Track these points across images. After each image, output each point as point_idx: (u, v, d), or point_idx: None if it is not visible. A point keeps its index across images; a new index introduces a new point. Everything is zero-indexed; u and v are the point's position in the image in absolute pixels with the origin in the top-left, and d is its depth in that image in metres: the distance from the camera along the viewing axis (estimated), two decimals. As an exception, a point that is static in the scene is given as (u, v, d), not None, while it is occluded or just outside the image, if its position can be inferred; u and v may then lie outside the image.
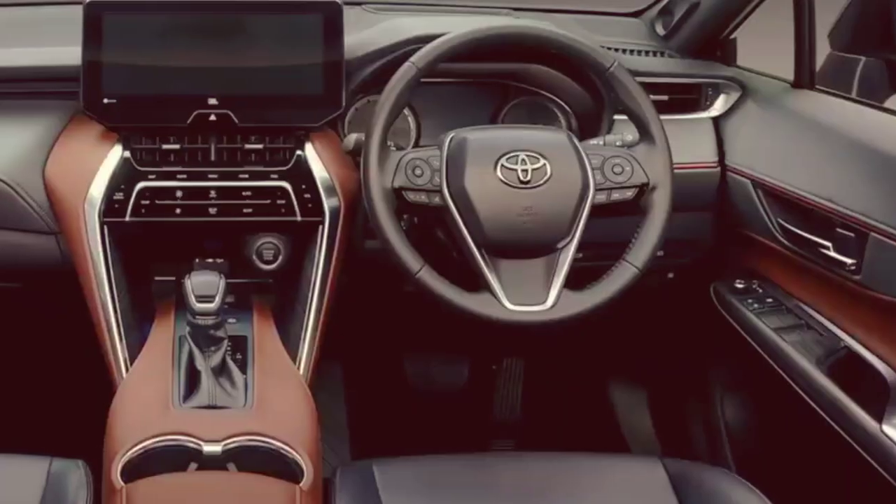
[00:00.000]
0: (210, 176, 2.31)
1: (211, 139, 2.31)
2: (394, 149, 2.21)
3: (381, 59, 2.42)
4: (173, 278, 2.42)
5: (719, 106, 2.67)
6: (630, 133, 2.29)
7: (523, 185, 2.13)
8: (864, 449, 2.16)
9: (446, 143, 2.19)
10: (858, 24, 2.62)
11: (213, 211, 2.31)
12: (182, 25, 2.31)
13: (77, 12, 2.29)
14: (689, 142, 2.58)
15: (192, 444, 1.94)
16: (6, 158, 2.37)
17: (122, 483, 1.90)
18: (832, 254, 2.29)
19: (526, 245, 2.15)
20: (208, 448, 1.94)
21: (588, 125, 2.59)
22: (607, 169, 2.19)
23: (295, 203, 2.32)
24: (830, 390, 2.26)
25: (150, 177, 2.30)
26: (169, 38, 2.30)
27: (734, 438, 2.95)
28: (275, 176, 2.32)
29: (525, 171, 2.13)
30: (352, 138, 2.26)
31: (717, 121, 2.66)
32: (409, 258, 2.13)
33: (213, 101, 2.29)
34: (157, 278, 2.48)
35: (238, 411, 2.05)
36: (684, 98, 2.64)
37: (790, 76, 2.62)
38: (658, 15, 2.84)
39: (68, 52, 2.31)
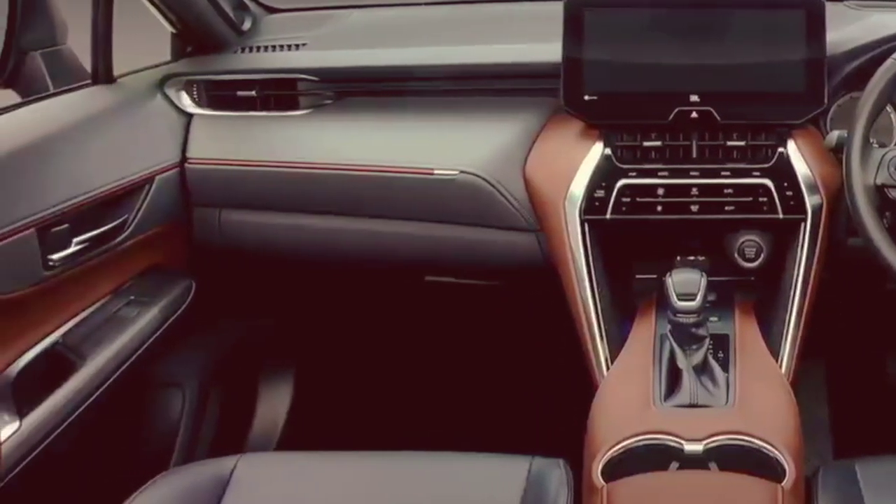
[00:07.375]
0: (692, 173, 2.31)
1: (692, 136, 2.32)
2: (876, 146, 2.17)
3: (863, 55, 2.37)
4: (654, 276, 2.43)
5: None
6: None
7: None
8: None
9: None
10: None
11: (694, 209, 2.31)
12: (662, 21, 2.33)
13: (550, 8, 2.35)
14: None
15: (673, 443, 1.94)
16: (488, 157, 2.45)
17: (602, 482, 1.91)
18: None
19: None
20: (690, 447, 1.93)
21: None
22: None
23: (777, 201, 2.29)
24: None
25: (631, 174, 2.32)
26: (649, 34, 2.33)
27: None
28: (757, 173, 2.30)
29: None
30: (834, 135, 2.22)
31: None
32: (893, 255, 2.08)
33: (694, 98, 2.29)
34: (637, 276, 2.50)
35: (720, 410, 2.03)
36: None
37: None
38: None
39: (546, 49, 2.37)
